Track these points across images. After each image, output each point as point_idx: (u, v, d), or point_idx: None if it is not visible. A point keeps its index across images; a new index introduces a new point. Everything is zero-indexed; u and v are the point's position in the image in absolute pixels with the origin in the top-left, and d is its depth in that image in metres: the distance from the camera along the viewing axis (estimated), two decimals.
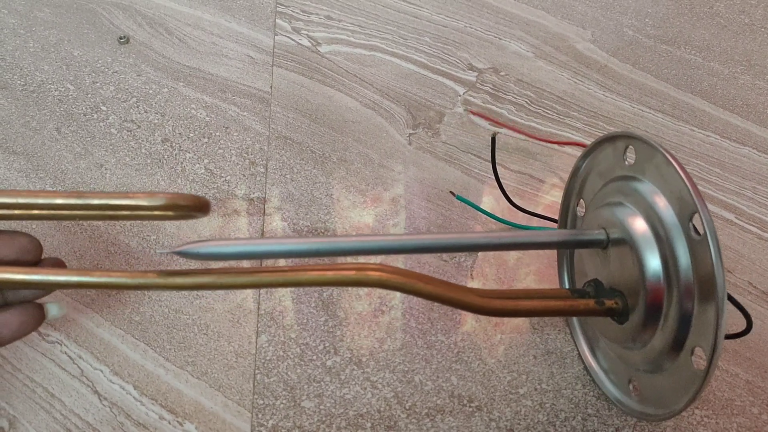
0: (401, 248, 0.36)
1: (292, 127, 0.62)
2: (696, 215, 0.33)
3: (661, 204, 0.35)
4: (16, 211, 0.30)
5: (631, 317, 0.37)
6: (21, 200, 0.30)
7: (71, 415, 0.40)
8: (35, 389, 0.41)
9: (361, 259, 0.47)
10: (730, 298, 0.39)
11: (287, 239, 0.33)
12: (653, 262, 0.35)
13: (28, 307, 0.33)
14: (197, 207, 0.30)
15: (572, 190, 0.46)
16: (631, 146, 0.39)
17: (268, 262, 0.48)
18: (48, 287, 0.31)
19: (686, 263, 0.34)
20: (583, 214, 0.45)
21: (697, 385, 0.32)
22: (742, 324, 0.40)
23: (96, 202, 0.29)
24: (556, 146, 0.62)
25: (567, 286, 0.48)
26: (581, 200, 0.45)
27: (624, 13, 0.82)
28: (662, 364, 0.36)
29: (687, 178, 0.33)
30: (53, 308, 0.34)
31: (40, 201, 0.30)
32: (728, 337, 0.41)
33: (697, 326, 0.33)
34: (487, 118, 0.63)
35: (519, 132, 0.62)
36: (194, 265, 0.43)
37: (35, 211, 0.30)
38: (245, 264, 0.48)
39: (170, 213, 0.30)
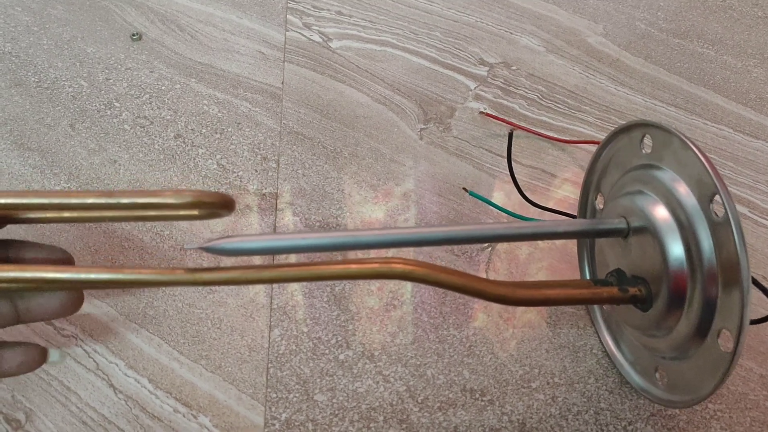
0: (423, 240, 0.36)
1: (304, 123, 0.62)
2: (716, 197, 0.32)
3: (681, 189, 0.35)
4: (49, 214, 0.31)
5: (655, 304, 0.37)
6: (55, 200, 0.30)
7: (87, 408, 0.41)
8: (51, 382, 0.42)
9: (382, 252, 0.47)
10: (754, 282, 0.38)
11: (310, 234, 0.33)
12: (676, 249, 0.35)
13: (30, 348, 0.33)
14: (223, 204, 0.30)
15: (590, 184, 0.46)
16: (647, 134, 0.39)
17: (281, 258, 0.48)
18: (79, 285, 0.31)
19: (709, 247, 0.33)
20: (601, 208, 0.45)
21: (724, 368, 0.32)
22: (764, 311, 0.40)
23: (125, 201, 0.30)
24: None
25: (588, 278, 0.48)
26: (600, 194, 0.45)
27: (636, 7, 0.82)
28: (688, 350, 0.36)
29: (705, 160, 0.33)
30: (54, 354, 0.34)
31: (73, 201, 0.30)
32: (752, 322, 0.41)
33: (722, 309, 0.33)
34: (500, 120, 0.63)
35: (533, 133, 0.62)
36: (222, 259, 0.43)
37: (66, 213, 0.31)
38: (256, 260, 0.48)
39: (196, 212, 0.30)
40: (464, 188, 0.55)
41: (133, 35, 0.71)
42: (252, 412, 0.41)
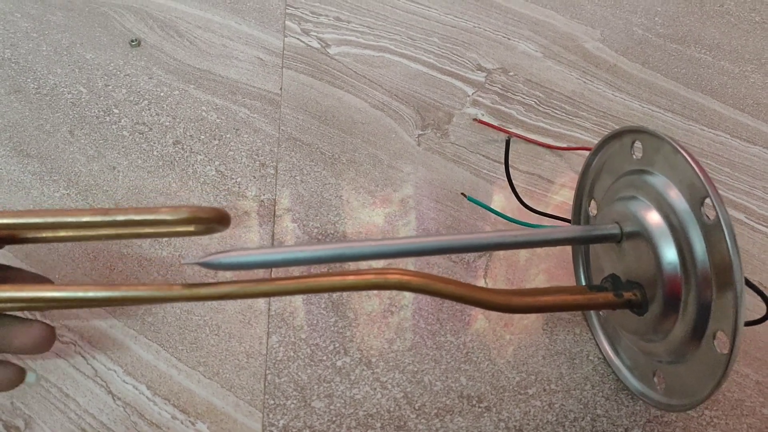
0: (420, 250, 0.36)
1: (302, 129, 0.62)
2: (707, 200, 0.33)
3: (673, 194, 0.36)
4: (44, 233, 0.31)
5: (650, 308, 0.37)
6: (50, 219, 0.31)
7: (85, 414, 0.41)
8: (50, 389, 0.42)
9: (381, 263, 0.48)
10: (748, 283, 0.38)
11: (308, 247, 0.34)
12: (669, 253, 0.35)
13: (9, 368, 0.33)
14: (219, 220, 0.31)
15: (583, 190, 0.46)
16: (637, 140, 0.39)
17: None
18: (76, 304, 0.31)
19: (701, 250, 0.34)
20: (595, 214, 0.45)
21: (721, 369, 0.32)
22: (760, 312, 0.40)
23: (121, 218, 0.30)
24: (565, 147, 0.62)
25: (584, 284, 0.48)
26: (593, 200, 0.45)
27: (633, 12, 0.82)
28: (685, 354, 0.36)
29: (695, 163, 0.33)
30: (31, 376, 0.34)
31: (69, 219, 0.31)
32: (748, 323, 0.41)
33: (717, 311, 0.33)
34: (493, 127, 0.63)
35: (527, 140, 0.62)
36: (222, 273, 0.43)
37: (62, 233, 0.31)
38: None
39: (192, 228, 0.30)
40: (462, 193, 0.56)
41: (132, 41, 0.71)
42: (249, 419, 0.41)
